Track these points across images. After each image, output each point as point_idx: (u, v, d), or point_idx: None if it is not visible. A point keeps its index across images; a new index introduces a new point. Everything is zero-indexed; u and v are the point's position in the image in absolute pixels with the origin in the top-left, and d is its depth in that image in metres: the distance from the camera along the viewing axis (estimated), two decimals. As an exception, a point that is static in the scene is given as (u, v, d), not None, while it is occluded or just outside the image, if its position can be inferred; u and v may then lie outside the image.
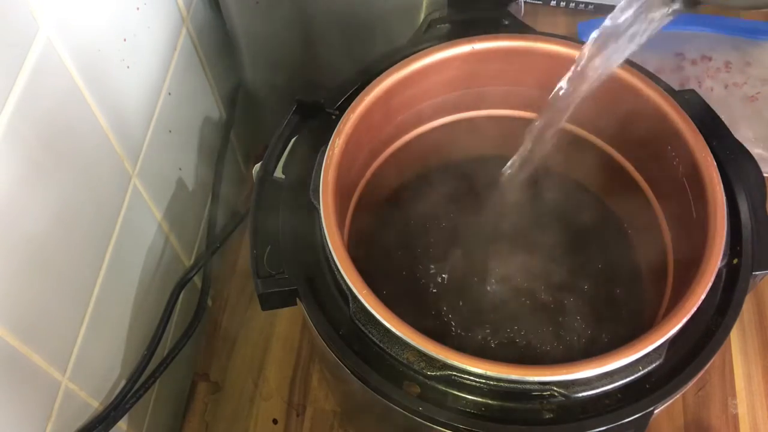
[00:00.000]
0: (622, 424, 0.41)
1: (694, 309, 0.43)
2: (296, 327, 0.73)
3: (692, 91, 0.54)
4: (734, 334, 0.71)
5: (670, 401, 0.43)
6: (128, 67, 0.53)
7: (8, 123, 0.39)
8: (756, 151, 0.79)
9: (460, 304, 0.56)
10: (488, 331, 0.55)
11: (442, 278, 0.58)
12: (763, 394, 0.68)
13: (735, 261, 0.47)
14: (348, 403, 0.64)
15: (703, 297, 0.43)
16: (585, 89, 0.48)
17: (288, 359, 0.71)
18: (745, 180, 0.50)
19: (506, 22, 0.57)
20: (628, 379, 0.42)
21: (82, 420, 0.52)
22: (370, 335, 0.43)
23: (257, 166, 0.52)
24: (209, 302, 0.74)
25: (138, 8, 0.54)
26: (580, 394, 0.41)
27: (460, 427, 0.41)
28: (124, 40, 0.52)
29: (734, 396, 0.67)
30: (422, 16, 0.64)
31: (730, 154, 0.51)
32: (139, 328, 0.59)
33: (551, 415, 0.42)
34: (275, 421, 0.68)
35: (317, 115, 0.54)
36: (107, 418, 0.53)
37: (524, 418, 0.42)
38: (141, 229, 0.58)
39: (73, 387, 0.49)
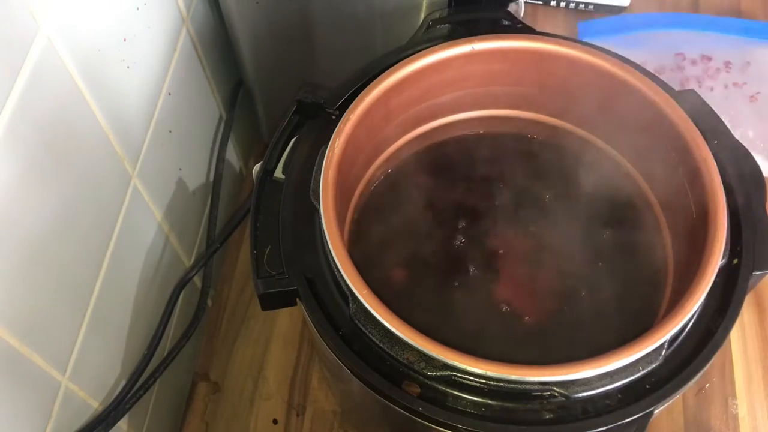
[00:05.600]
0: (622, 424, 0.41)
1: (694, 309, 0.43)
2: (296, 327, 0.73)
3: (692, 91, 0.54)
4: (734, 334, 0.71)
5: (670, 401, 0.43)
6: (128, 67, 0.53)
7: (8, 123, 0.39)
8: (756, 151, 0.79)
9: (461, 303, 0.56)
10: (488, 330, 0.55)
11: (443, 278, 0.58)
12: (764, 394, 0.68)
13: (735, 261, 0.47)
14: (348, 403, 0.64)
15: (703, 297, 0.43)
16: None
17: (288, 359, 0.71)
18: (745, 180, 0.50)
19: (506, 22, 0.57)
20: (628, 379, 0.42)
21: (82, 420, 0.52)
22: (370, 335, 0.43)
23: (257, 166, 0.52)
24: (209, 302, 0.74)
25: (138, 8, 0.54)
26: (580, 394, 0.41)
27: (460, 427, 0.41)
28: (124, 40, 0.52)
29: (734, 396, 0.67)
30: (422, 16, 0.64)
31: (730, 154, 0.51)
32: (139, 328, 0.59)
33: (551, 415, 0.42)
34: (275, 421, 0.68)
35: (317, 115, 0.54)
36: (107, 418, 0.53)
37: (524, 419, 0.42)
38: (141, 229, 0.58)
39: (73, 387, 0.49)
